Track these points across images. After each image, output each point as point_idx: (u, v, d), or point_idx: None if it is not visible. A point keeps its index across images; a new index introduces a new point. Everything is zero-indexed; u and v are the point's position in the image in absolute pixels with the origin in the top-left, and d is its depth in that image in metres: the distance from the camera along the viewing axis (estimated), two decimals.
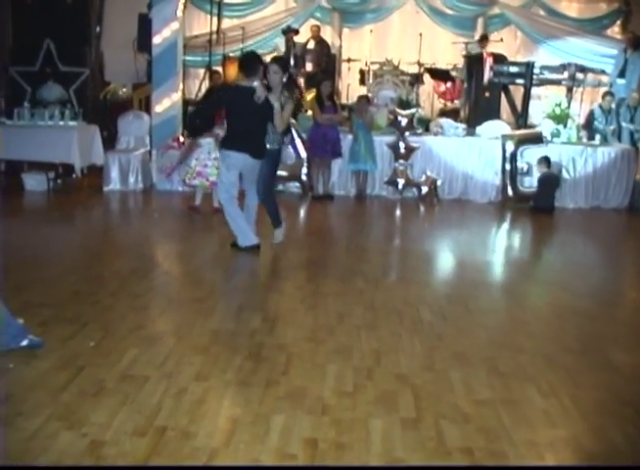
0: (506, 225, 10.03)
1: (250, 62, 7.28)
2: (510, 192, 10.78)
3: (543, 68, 12.67)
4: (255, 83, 6.97)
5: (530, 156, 10.81)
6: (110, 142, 11.81)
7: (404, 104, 11.94)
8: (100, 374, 4.06)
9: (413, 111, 11.32)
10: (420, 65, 14.13)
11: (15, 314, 4.53)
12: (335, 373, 4.21)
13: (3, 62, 13.24)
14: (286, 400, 3.82)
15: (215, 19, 14.24)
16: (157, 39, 11.10)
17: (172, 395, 3.82)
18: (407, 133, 10.93)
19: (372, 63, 13.87)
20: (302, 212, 10.26)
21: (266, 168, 7.35)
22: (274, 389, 3.96)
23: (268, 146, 7.25)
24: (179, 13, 11.14)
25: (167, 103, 11.14)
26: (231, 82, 7.14)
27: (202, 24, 14.95)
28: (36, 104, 11.38)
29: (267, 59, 8.31)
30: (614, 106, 12.23)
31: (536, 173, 10.72)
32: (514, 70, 12.61)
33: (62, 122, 10.64)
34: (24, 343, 4.31)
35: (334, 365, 4.32)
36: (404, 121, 10.90)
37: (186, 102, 11.89)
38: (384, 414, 3.72)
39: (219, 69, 12.65)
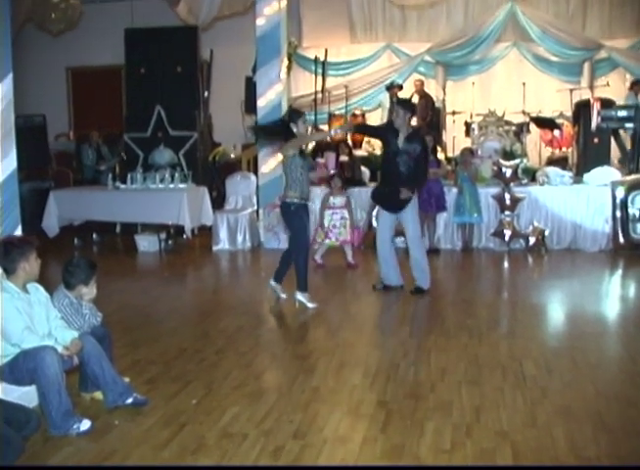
0: (618, 274, 9.70)
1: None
2: (621, 240, 10.47)
3: None
4: None
5: None
6: (219, 202, 12.15)
7: (508, 155, 11.82)
8: (201, 431, 4.16)
9: (517, 161, 11.21)
10: (525, 114, 14.01)
11: (125, 372, 4.75)
12: (433, 430, 4.16)
13: (118, 129, 13.91)
14: (382, 459, 3.81)
15: (320, 78, 14.62)
16: (261, 102, 11.43)
17: (269, 453, 3.87)
18: (512, 184, 10.80)
19: (476, 114, 13.84)
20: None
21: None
22: (371, 446, 3.96)
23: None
24: (282, 75, 11.45)
25: (273, 163, 11.38)
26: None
27: (307, 84, 15.36)
28: (148, 168, 11.87)
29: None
30: None
31: None
32: (622, 114, 12.27)
33: (172, 185, 11.04)
34: (130, 401, 4.49)
35: (432, 422, 4.28)
36: (509, 172, 10.77)
37: None
38: None
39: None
